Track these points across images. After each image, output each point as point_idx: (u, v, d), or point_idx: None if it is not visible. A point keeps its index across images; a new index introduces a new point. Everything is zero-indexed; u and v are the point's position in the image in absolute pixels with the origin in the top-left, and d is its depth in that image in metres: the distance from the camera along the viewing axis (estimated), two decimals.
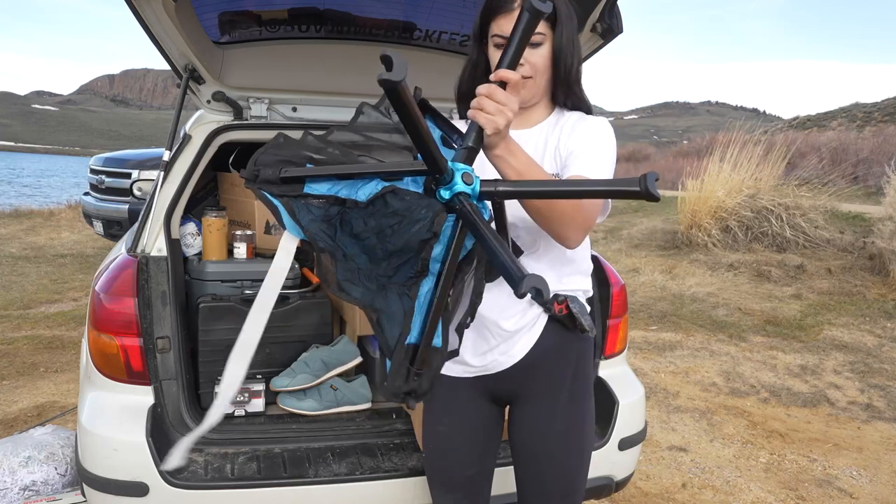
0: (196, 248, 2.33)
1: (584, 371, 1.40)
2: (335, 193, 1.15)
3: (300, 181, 1.15)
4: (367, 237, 1.16)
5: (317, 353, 2.11)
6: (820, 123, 36.38)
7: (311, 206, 1.16)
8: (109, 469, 1.66)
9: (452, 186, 1.06)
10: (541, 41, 1.27)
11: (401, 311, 1.20)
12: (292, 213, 1.16)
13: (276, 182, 1.14)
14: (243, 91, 2.20)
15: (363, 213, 1.15)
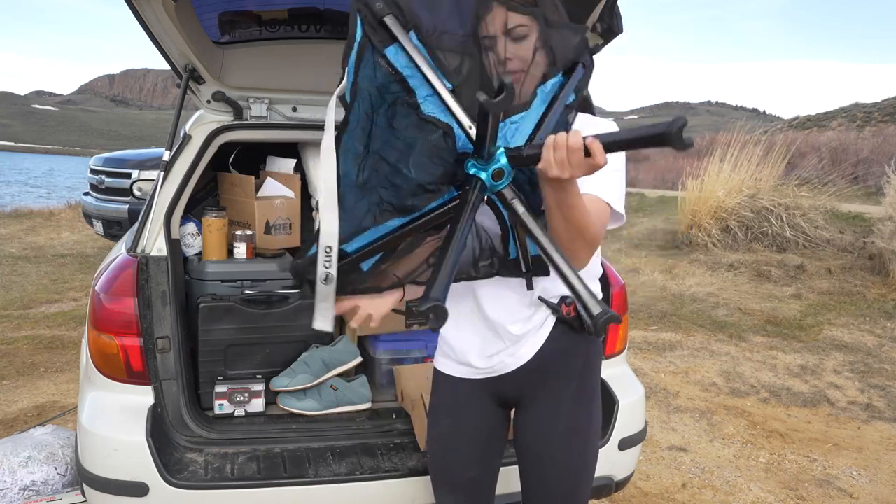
0: (196, 248, 2.33)
1: (590, 373, 1.40)
2: (407, 76, 1.09)
3: (392, 38, 1.06)
4: (395, 139, 1.11)
5: (317, 353, 2.11)
6: (820, 123, 36.38)
7: (380, 66, 1.08)
8: (109, 469, 1.66)
9: (479, 171, 1.05)
10: (525, 33, 1.24)
11: (361, 218, 1.16)
12: (361, 56, 1.08)
13: (377, 15, 1.05)
14: (243, 91, 2.20)
15: (411, 117, 1.10)
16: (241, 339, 2.08)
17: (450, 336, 1.43)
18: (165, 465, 1.65)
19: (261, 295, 2.17)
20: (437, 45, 1.09)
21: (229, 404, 1.99)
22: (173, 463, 1.69)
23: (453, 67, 1.12)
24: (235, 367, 2.09)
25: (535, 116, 1.14)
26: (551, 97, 1.15)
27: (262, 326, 2.11)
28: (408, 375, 2.09)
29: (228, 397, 1.99)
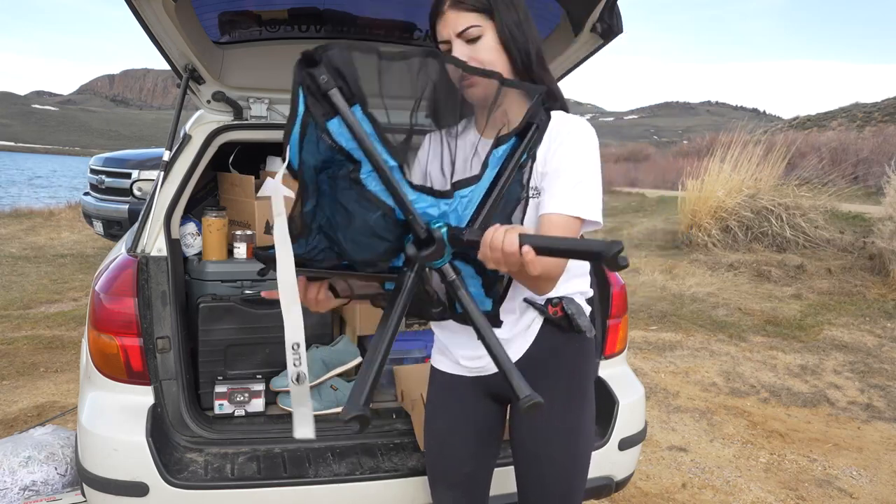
0: (196, 248, 2.33)
1: (582, 372, 1.39)
2: (350, 149, 1.03)
3: (334, 111, 1.01)
4: (341, 213, 1.06)
5: (317, 353, 2.11)
6: (820, 123, 36.38)
7: (323, 140, 1.03)
8: (109, 469, 1.66)
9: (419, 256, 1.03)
10: (478, 34, 1.20)
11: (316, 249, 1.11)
12: (304, 130, 1.02)
13: (321, 89, 0.99)
14: (243, 91, 2.20)
15: (354, 191, 1.05)
16: (241, 339, 2.08)
17: (441, 335, 1.43)
18: (165, 465, 1.64)
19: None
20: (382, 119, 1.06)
21: (229, 404, 1.99)
22: (173, 463, 1.69)
23: (398, 143, 1.07)
24: (235, 367, 2.09)
25: (485, 184, 1.11)
26: (503, 161, 1.11)
27: (262, 326, 2.11)
28: (408, 375, 2.09)
29: (228, 397, 1.99)
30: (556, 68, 2.14)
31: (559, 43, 2.03)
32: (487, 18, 1.20)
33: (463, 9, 1.20)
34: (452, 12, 1.20)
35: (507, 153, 1.11)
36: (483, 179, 1.11)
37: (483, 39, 1.20)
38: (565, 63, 2.10)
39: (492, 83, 1.15)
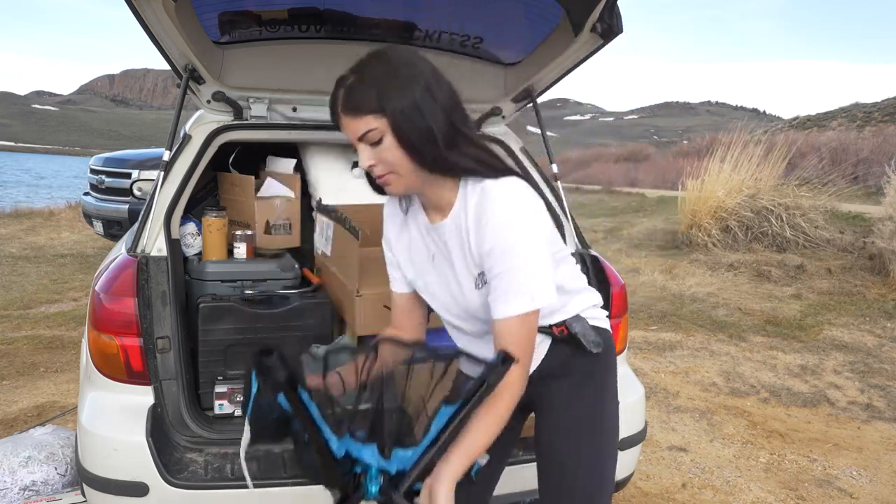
0: (196, 248, 2.33)
1: (599, 385, 1.37)
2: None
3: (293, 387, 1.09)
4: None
5: (317, 352, 2.11)
6: (820, 123, 36.38)
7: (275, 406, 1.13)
8: (109, 469, 1.66)
9: None
10: (378, 137, 1.13)
11: None
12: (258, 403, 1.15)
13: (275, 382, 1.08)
14: (243, 91, 2.20)
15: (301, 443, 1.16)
16: (241, 339, 2.08)
17: (459, 343, 1.43)
18: (165, 465, 1.65)
19: (261, 295, 2.17)
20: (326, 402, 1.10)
21: (229, 404, 1.99)
22: (173, 463, 1.69)
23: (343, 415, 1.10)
24: (235, 367, 2.09)
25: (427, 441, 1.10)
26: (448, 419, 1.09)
27: (262, 326, 2.11)
28: None
29: (228, 397, 1.99)
30: (556, 68, 2.15)
31: (559, 43, 2.03)
32: (382, 117, 1.12)
33: (354, 115, 1.13)
34: (347, 118, 1.15)
35: (453, 412, 1.09)
36: (425, 439, 1.10)
37: (384, 140, 1.13)
38: (565, 63, 2.10)
39: (411, 177, 1.17)
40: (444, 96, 1.15)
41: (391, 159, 1.15)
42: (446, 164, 1.17)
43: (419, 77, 1.13)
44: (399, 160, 1.15)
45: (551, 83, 2.28)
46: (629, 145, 40.64)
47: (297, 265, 2.39)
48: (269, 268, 2.30)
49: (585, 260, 2.24)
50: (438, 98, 1.14)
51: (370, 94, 1.11)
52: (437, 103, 1.13)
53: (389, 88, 1.11)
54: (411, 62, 1.15)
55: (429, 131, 1.12)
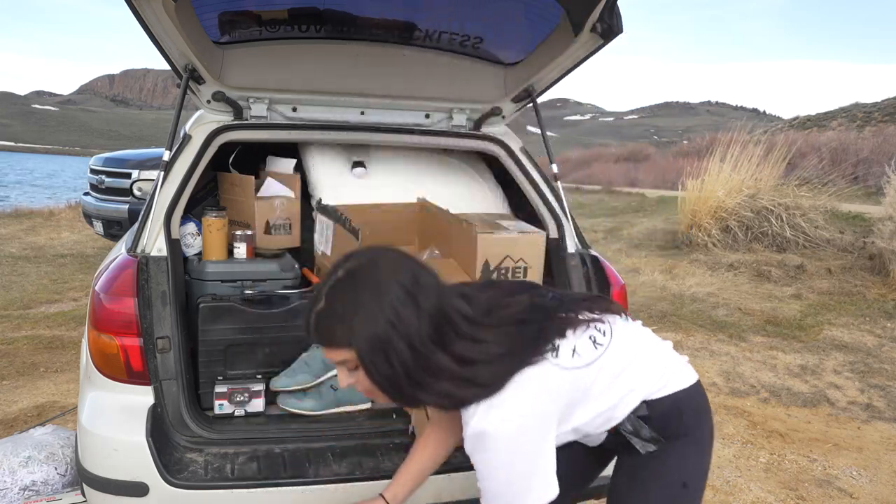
0: (196, 248, 2.33)
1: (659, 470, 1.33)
2: None
3: None
4: None
5: (317, 352, 2.11)
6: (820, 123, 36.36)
7: None
8: (109, 469, 1.66)
9: None
10: (354, 366, 1.14)
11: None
12: None
13: None
14: (243, 91, 2.20)
15: None
16: (241, 339, 2.08)
17: None
18: (165, 465, 1.65)
19: (261, 295, 2.17)
20: None
21: (229, 404, 1.99)
22: (173, 463, 1.69)
23: None
24: (235, 367, 2.09)
25: None
26: None
27: (262, 326, 2.11)
28: None
29: (228, 397, 1.99)
30: (556, 68, 2.15)
31: (559, 43, 2.03)
32: (351, 350, 1.11)
33: (327, 346, 1.15)
34: (322, 348, 1.17)
35: None
36: None
37: (359, 369, 1.14)
38: (565, 63, 2.10)
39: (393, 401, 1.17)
40: (414, 320, 1.09)
41: (368, 387, 1.15)
42: (416, 402, 1.16)
43: (385, 307, 1.08)
44: (374, 390, 1.15)
45: (551, 83, 2.28)
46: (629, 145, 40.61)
47: (297, 265, 2.39)
48: (269, 268, 2.29)
49: (585, 260, 2.24)
50: (408, 324, 1.09)
51: (338, 328, 1.11)
52: (406, 330, 1.09)
53: (355, 322, 1.08)
54: (378, 286, 1.10)
55: (393, 374, 1.10)
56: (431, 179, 2.72)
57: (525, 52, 2.25)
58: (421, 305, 1.10)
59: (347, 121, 2.34)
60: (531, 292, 1.31)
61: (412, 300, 1.10)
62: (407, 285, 1.11)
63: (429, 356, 1.11)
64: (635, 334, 1.36)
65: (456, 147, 2.51)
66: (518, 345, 1.16)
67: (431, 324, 1.11)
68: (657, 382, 1.31)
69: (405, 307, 1.09)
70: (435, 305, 1.12)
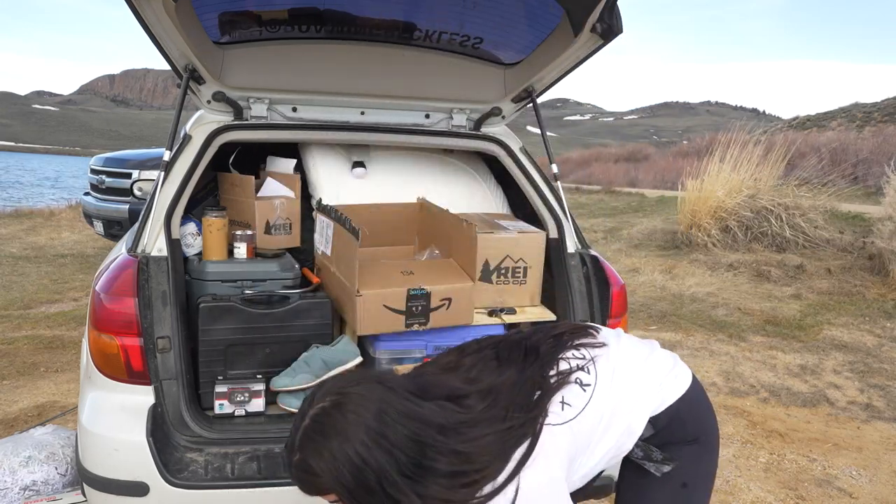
0: (196, 248, 2.33)
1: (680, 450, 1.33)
2: None
3: None
4: None
5: (317, 352, 2.12)
6: (820, 123, 36.35)
7: None
8: (110, 469, 1.66)
9: None
10: (338, 498, 1.13)
11: None
12: None
13: None
14: (243, 91, 2.20)
15: None
16: (241, 339, 2.09)
17: None
18: (166, 465, 1.65)
19: (261, 295, 2.17)
20: None
21: (229, 404, 1.99)
22: (173, 463, 1.69)
23: None
24: (235, 366, 2.09)
25: None
26: None
27: (262, 326, 2.11)
28: None
29: (229, 397, 1.99)
30: (556, 68, 2.15)
31: (559, 43, 2.03)
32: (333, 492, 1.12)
33: (311, 495, 1.16)
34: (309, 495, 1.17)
35: None
36: None
37: None
38: (565, 63, 2.10)
39: None
40: (385, 458, 1.08)
41: None
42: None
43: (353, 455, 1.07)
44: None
45: (551, 83, 2.29)
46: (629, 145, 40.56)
47: (297, 265, 2.39)
48: (269, 268, 2.29)
49: (585, 260, 2.24)
50: (380, 464, 1.07)
51: (315, 480, 1.12)
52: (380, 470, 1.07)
53: (327, 474, 1.08)
54: (344, 434, 1.09)
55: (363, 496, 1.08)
56: (431, 179, 2.72)
57: (525, 53, 2.25)
58: (392, 441, 1.08)
59: (347, 121, 2.34)
60: (503, 356, 1.27)
61: (380, 439, 1.08)
62: (373, 426, 1.08)
63: (416, 481, 1.08)
64: (621, 359, 1.34)
65: (456, 147, 2.51)
66: (509, 434, 1.14)
67: (407, 454, 1.09)
68: (656, 399, 1.31)
69: (373, 450, 1.07)
70: (407, 436, 1.09)
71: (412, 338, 2.32)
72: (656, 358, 1.38)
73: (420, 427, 1.10)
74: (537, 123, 2.46)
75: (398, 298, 2.13)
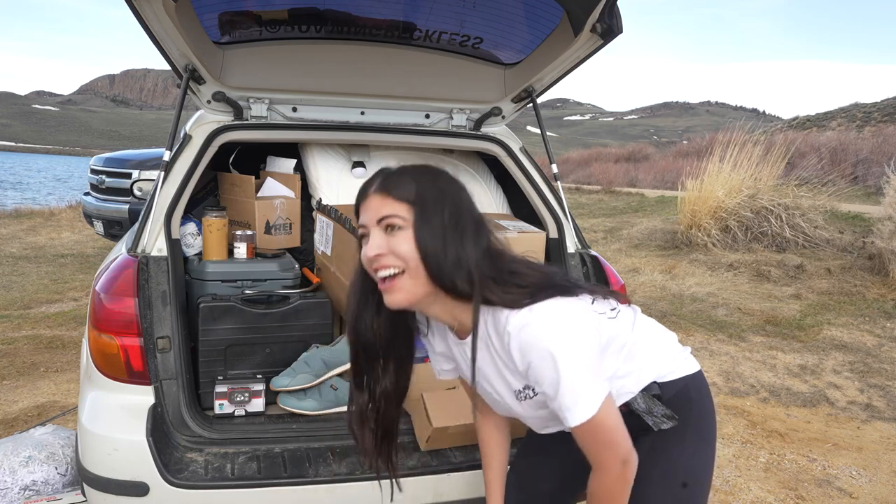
0: (196, 248, 2.33)
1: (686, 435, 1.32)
2: None
3: None
4: None
5: (317, 352, 2.12)
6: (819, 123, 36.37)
7: None
8: (110, 469, 1.66)
9: None
10: (399, 224, 1.13)
11: None
12: None
13: None
14: (243, 91, 2.20)
15: None
16: (241, 339, 2.09)
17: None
18: (166, 465, 1.65)
19: (261, 295, 2.17)
20: None
21: (229, 404, 1.99)
22: (173, 463, 1.69)
23: None
24: (235, 366, 2.09)
25: None
26: None
27: (262, 326, 2.11)
28: None
29: (229, 397, 1.99)
30: (556, 68, 2.15)
31: (559, 43, 2.03)
32: (410, 210, 1.14)
33: (387, 196, 1.15)
34: (377, 198, 1.16)
35: None
36: None
37: (403, 231, 1.13)
38: (565, 63, 2.10)
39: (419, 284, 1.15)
40: (473, 222, 1.18)
41: (402, 251, 1.13)
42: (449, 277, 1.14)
43: (456, 196, 1.18)
44: (411, 257, 1.13)
45: (551, 83, 2.29)
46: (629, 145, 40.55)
47: (297, 265, 2.39)
48: (269, 268, 2.30)
49: (585, 260, 2.24)
50: (467, 220, 1.17)
51: (409, 187, 1.14)
52: (465, 223, 1.16)
53: (427, 189, 1.15)
54: (452, 182, 1.20)
55: (443, 234, 1.13)
56: None
57: (525, 53, 2.25)
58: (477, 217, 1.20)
59: (347, 121, 2.35)
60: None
61: (472, 209, 1.20)
62: (470, 198, 1.21)
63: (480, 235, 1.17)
64: (643, 317, 1.39)
65: (456, 147, 2.51)
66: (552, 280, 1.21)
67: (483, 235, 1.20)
68: (668, 365, 1.33)
69: (469, 209, 1.19)
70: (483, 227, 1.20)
71: None
72: (672, 335, 1.42)
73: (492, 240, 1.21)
74: (537, 123, 2.46)
75: None
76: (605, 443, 1.16)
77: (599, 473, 1.18)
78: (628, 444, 1.17)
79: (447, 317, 1.24)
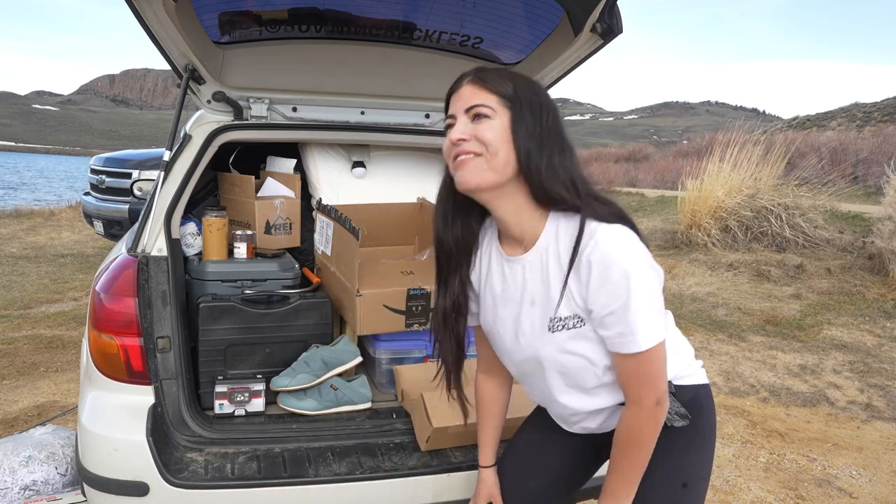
0: (196, 248, 2.33)
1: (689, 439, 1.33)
2: None
3: None
4: None
5: (317, 352, 2.12)
6: (819, 123, 36.36)
7: None
8: (110, 469, 1.66)
9: None
10: (487, 114, 1.15)
11: None
12: None
13: None
14: (243, 91, 2.20)
15: None
16: (241, 339, 2.09)
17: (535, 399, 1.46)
18: (166, 465, 1.65)
19: (261, 295, 2.17)
20: None
21: (229, 404, 1.99)
22: (173, 462, 1.69)
23: None
24: (235, 366, 2.09)
25: None
26: None
27: (262, 326, 2.11)
28: (408, 375, 2.09)
29: (229, 397, 1.99)
30: (556, 68, 2.15)
31: (559, 43, 2.03)
32: (505, 107, 1.15)
33: (481, 87, 1.17)
34: (469, 87, 1.17)
35: None
36: None
37: (491, 121, 1.15)
38: (565, 63, 2.10)
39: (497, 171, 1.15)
40: (565, 138, 1.20)
41: (488, 138, 1.14)
42: (545, 191, 1.17)
43: (556, 111, 1.19)
44: (495, 144, 1.14)
45: (551, 83, 2.29)
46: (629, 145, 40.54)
47: (297, 265, 2.39)
48: (269, 268, 2.29)
49: None
50: (566, 136, 1.20)
51: (506, 83, 1.16)
52: (564, 137, 1.19)
53: (524, 92, 1.17)
54: (551, 99, 1.21)
55: (532, 130, 1.15)
56: (431, 179, 2.72)
57: (525, 53, 2.25)
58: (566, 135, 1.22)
59: (347, 121, 2.35)
60: None
61: (564, 126, 1.22)
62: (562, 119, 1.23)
63: (575, 154, 1.20)
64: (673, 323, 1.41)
65: None
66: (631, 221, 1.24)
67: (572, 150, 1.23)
68: (685, 370, 1.34)
69: (562, 126, 1.21)
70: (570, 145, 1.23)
71: (412, 338, 2.32)
72: (690, 346, 1.44)
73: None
74: None
75: (398, 298, 2.14)
76: (650, 377, 1.17)
77: (634, 408, 1.20)
78: (665, 386, 1.20)
79: (513, 218, 1.22)
